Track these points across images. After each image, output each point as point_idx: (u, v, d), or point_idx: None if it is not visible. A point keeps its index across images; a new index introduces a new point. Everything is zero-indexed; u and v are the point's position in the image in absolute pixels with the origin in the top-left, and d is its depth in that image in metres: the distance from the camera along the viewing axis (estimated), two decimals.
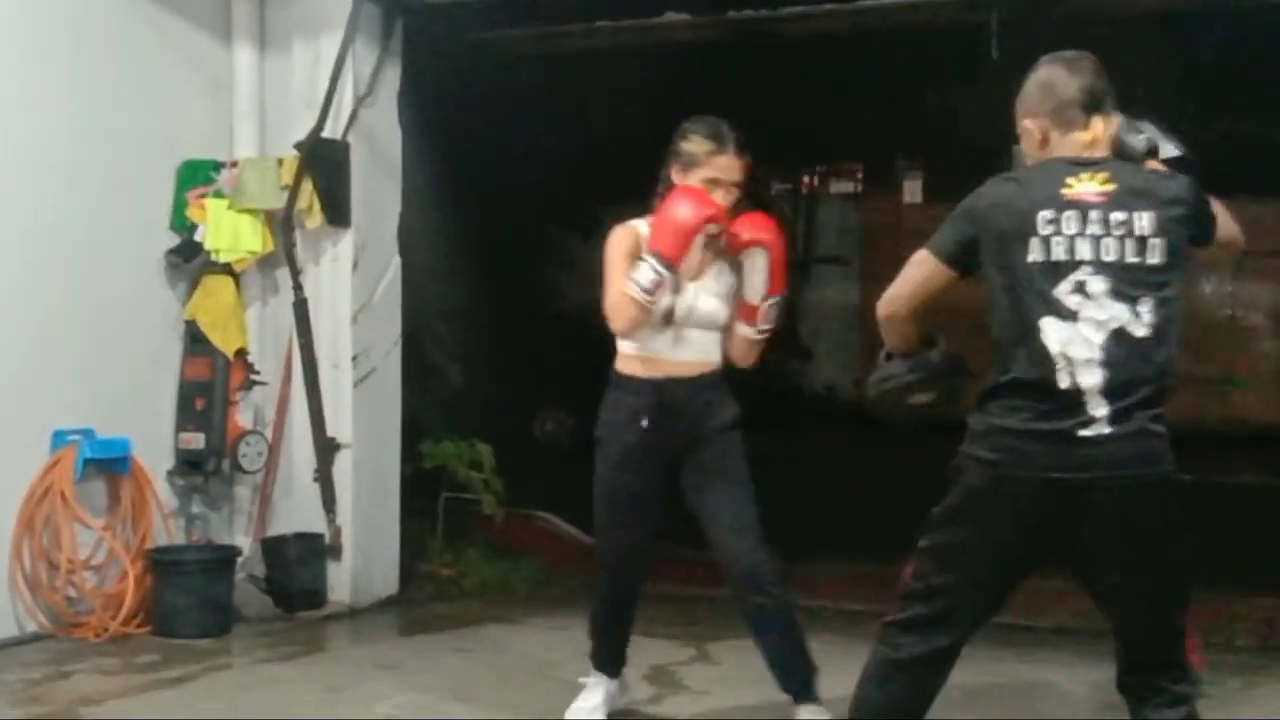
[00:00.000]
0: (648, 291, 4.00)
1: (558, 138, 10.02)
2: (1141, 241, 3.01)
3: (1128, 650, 3.16)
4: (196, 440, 6.11)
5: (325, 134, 6.18)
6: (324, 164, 6.17)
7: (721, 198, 4.09)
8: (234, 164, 6.25)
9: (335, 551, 6.26)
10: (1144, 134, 3.28)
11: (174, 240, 6.19)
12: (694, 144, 4.13)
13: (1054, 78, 3.20)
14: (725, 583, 4.27)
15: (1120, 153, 3.20)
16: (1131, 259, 3.01)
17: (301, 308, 6.27)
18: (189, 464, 6.13)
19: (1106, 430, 2.97)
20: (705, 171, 4.10)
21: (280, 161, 6.23)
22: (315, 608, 6.18)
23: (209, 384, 6.13)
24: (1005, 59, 6.13)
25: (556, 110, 9.72)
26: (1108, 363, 2.98)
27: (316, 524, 6.27)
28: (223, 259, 6.17)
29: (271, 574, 6.20)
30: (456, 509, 7.19)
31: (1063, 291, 3.01)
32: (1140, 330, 3.00)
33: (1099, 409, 2.98)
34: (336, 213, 6.22)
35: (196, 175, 6.23)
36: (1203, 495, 5.08)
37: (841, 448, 12.99)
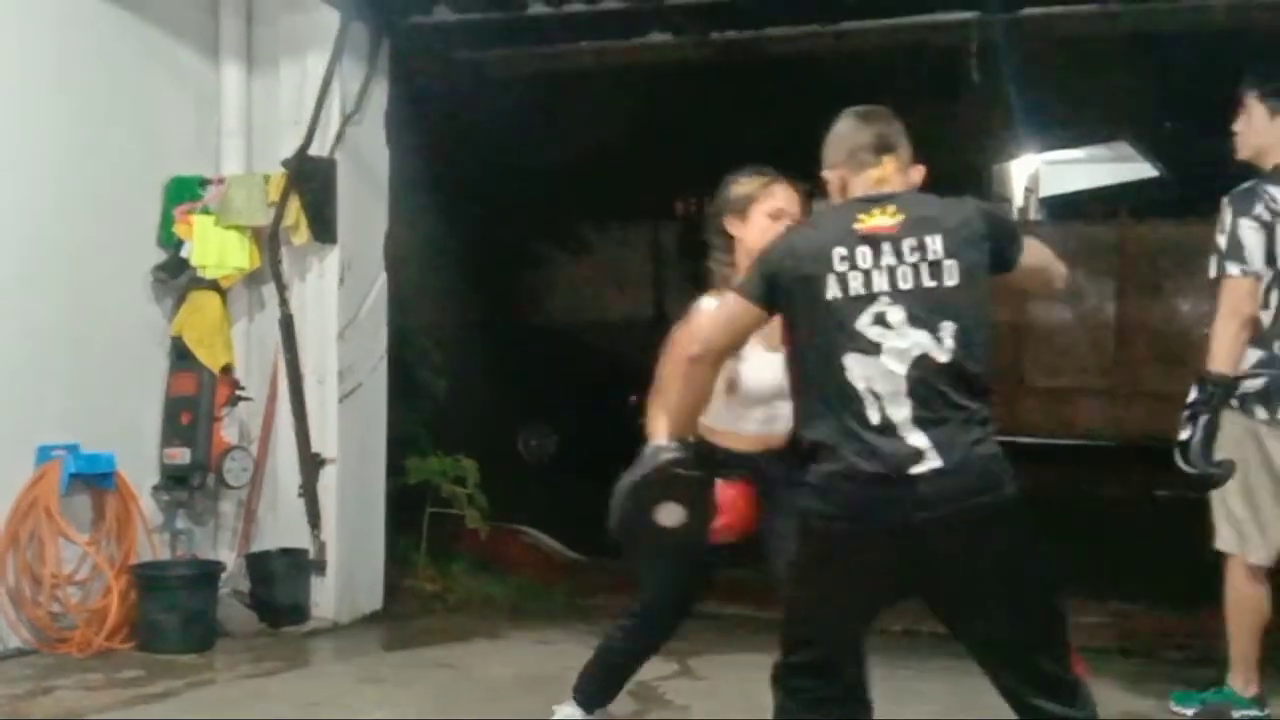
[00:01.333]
0: None
1: (544, 156, 10.07)
2: (935, 265, 2.99)
3: (1017, 682, 3.03)
4: (182, 455, 6.11)
5: (312, 151, 6.21)
6: (311, 181, 6.21)
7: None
8: (221, 180, 6.27)
9: (320, 566, 6.27)
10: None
11: (161, 256, 6.21)
12: (744, 185, 3.94)
13: (846, 129, 3.24)
14: None
15: None
16: (928, 283, 2.98)
17: (287, 324, 6.30)
18: (174, 479, 6.13)
19: (935, 464, 2.90)
20: (767, 205, 3.89)
21: (267, 178, 6.26)
22: (299, 623, 6.19)
23: (195, 399, 6.14)
24: (986, 81, 6.21)
25: (543, 128, 9.77)
26: (914, 393, 2.93)
27: (301, 539, 6.29)
28: (209, 275, 6.19)
29: (256, 589, 6.20)
30: (441, 524, 7.21)
31: (863, 324, 2.97)
32: (943, 355, 2.95)
33: (919, 441, 2.92)
34: (323, 229, 6.25)
35: (184, 191, 6.25)
36: (1187, 511, 5.12)
37: None
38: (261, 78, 6.44)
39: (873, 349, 2.95)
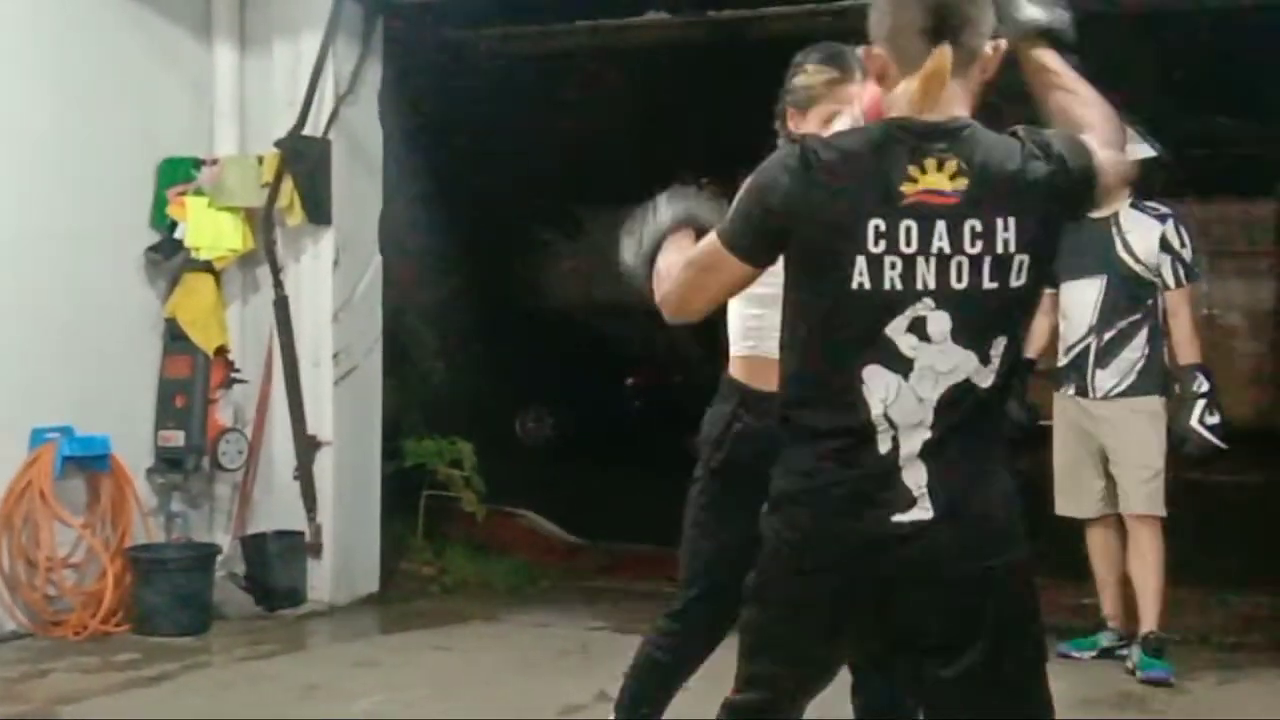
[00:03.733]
0: None
1: (539, 137, 10.03)
2: (1004, 262, 2.22)
3: None
4: (176, 438, 6.10)
5: (306, 132, 6.18)
6: (305, 162, 6.17)
7: None
8: (214, 162, 6.24)
9: (315, 549, 6.26)
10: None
11: (154, 238, 6.18)
12: (810, 75, 3.24)
13: None
14: None
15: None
16: (989, 284, 2.22)
17: (282, 305, 6.27)
18: (169, 462, 6.12)
19: (927, 515, 2.24)
20: (829, 107, 3.21)
21: (261, 159, 6.22)
22: (295, 606, 6.18)
23: (189, 382, 6.12)
24: None
25: (539, 109, 9.72)
26: (937, 425, 2.25)
27: (297, 522, 6.27)
28: (203, 257, 6.17)
29: (251, 572, 6.19)
30: (438, 507, 7.20)
31: (895, 331, 2.22)
32: (987, 380, 2.25)
33: (918, 480, 2.25)
34: (317, 211, 6.22)
35: (177, 173, 6.22)
36: (1180, 494, 5.25)
37: None
38: (254, 58, 6.40)
39: (902, 365, 2.23)
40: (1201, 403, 4.93)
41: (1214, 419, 4.94)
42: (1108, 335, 5.08)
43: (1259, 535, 7.98)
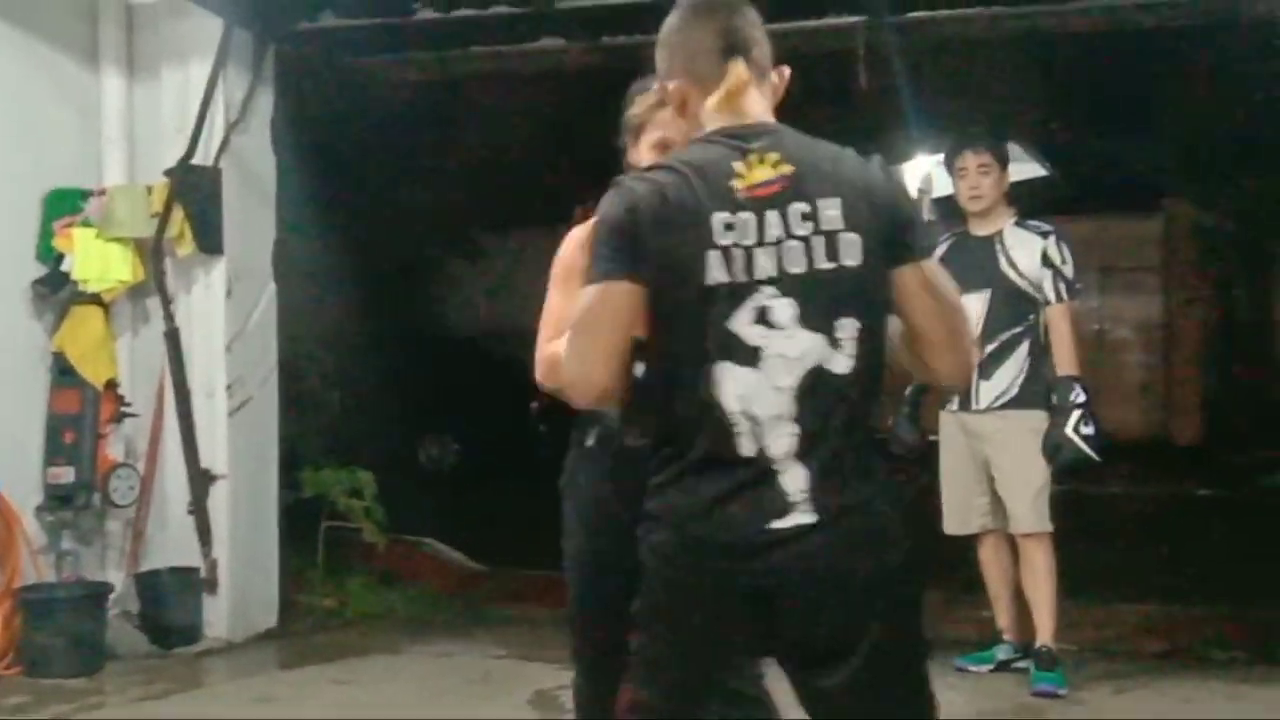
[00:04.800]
0: None
1: (438, 162, 10.02)
2: (832, 239, 2.25)
3: None
4: (66, 474, 5.95)
5: (196, 160, 6.10)
6: (195, 191, 6.09)
7: None
8: (102, 192, 6.13)
9: (211, 585, 6.15)
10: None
11: (41, 270, 6.05)
12: (635, 106, 3.24)
13: (679, 23, 2.45)
14: None
15: None
16: (823, 264, 2.25)
17: (173, 337, 6.17)
18: (58, 499, 5.97)
19: (810, 518, 2.24)
20: (654, 133, 3.19)
21: (150, 189, 6.13)
22: (192, 643, 6.06)
23: (78, 416, 5.99)
24: (875, 84, 6.27)
25: (436, 135, 9.71)
26: (801, 418, 2.25)
27: (192, 557, 6.16)
28: (91, 289, 6.04)
29: (146, 610, 6.07)
30: (338, 537, 7.11)
31: (741, 324, 2.24)
32: (841, 366, 2.26)
33: (795, 484, 2.25)
34: (208, 240, 6.13)
35: (64, 204, 6.09)
36: (1072, 506, 5.36)
37: None
38: (143, 86, 6.30)
39: (752, 358, 2.24)
40: (1077, 413, 5.04)
41: (1089, 429, 5.04)
42: (990, 348, 5.17)
43: (1150, 546, 8.19)
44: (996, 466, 5.23)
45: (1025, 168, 6.34)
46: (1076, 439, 5.02)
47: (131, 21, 6.31)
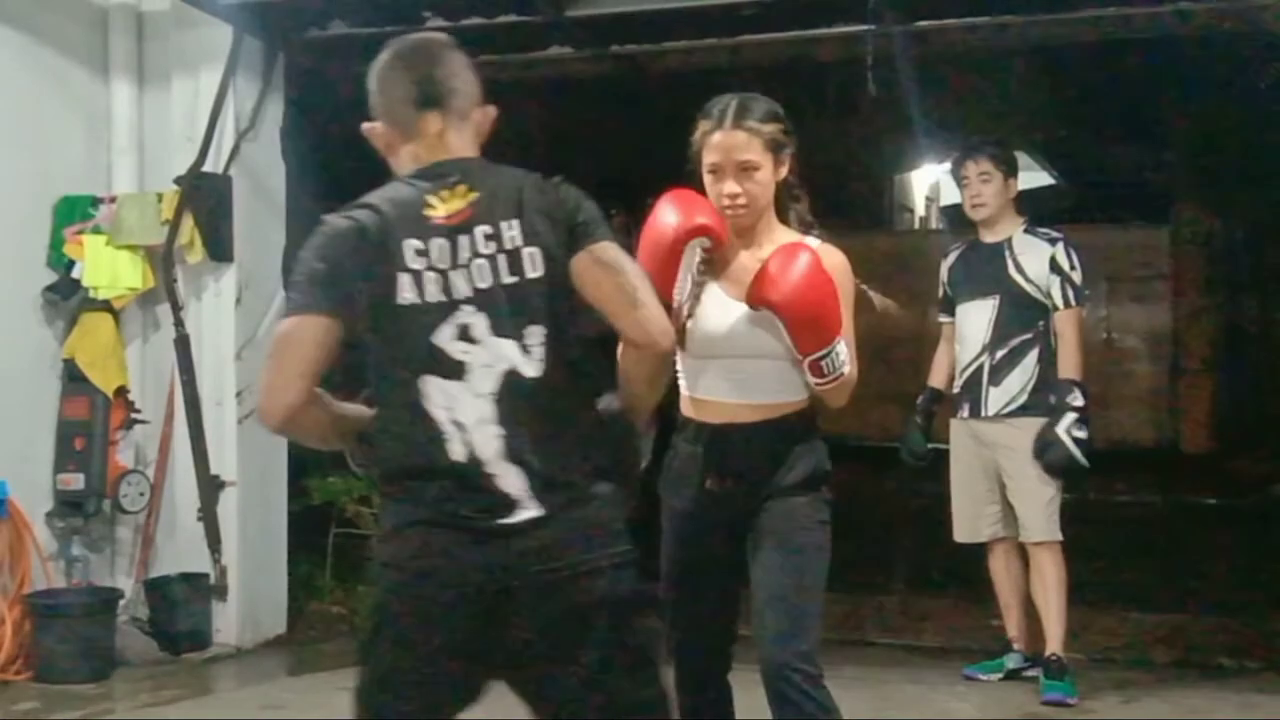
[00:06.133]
0: None
1: None
2: (514, 255, 2.44)
3: None
4: (76, 481, 5.97)
5: (206, 168, 6.11)
6: (205, 199, 6.10)
7: (733, 187, 3.28)
8: (113, 199, 6.15)
9: (221, 591, 6.16)
10: None
11: (51, 278, 6.07)
12: (697, 128, 3.36)
13: (382, 72, 2.62)
14: None
15: None
16: (508, 279, 2.43)
17: (183, 344, 6.18)
18: (68, 505, 5.99)
19: (531, 513, 2.38)
20: (705, 158, 3.32)
21: (160, 197, 6.14)
22: (200, 649, 6.07)
23: (88, 423, 6.01)
24: (883, 92, 6.27)
25: None
26: (504, 420, 2.41)
27: (201, 564, 6.17)
28: (102, 296, 6.07)
29: (155, 616, 6.08)
30: (347, 545, 7.11)
31: (445, 340, 2.42)
32: (532, 369, 2.42)
33: (512, 485, 2.39)
34: (218, 248, 6.14)
35: (74, 211, 6.12)
36: (1082, 514, 5.36)
37: None
38: (153, 95, 6.32)
39: (456, 371, 2.41)
40: (1073, 415, 5.04)
41: (1082, 433, 5.05)
42: (1000, 353, 5.18)
43: (1160, 555, 8.16)
44: (1007, 474, 5.23)
45: (1034, 176, 6.34)
46: (1067, 440, 5.03)
47: (142, 30, 6.33)
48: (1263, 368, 12.72)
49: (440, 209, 2.47)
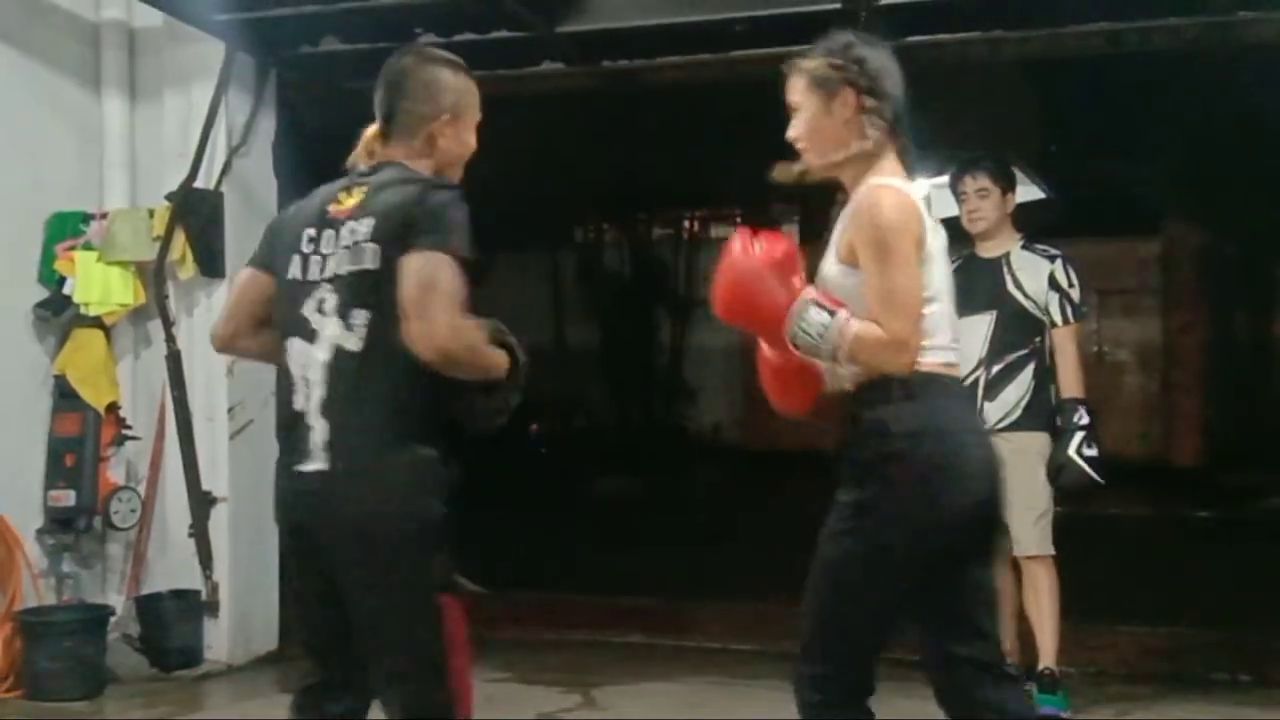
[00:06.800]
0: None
1: None
2: (357, 249, 2.89)
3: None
4: (67, 497, 5.95)
5: (198, 184, 6.12)
6: (197, 214, 6.11)
7: (789, 132, 3.16)
8: (104, 215, 6.15)
9: (212, 608, 6.14)
10: None
11: (43, 293, 6.07)
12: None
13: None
14: None
15: None
16: (349, 267, 2.90)
17: (175, 360, 6.18)
18: (59, 522, 5.97)
19: (323, 465, 2.87)
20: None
21: (152, 212, 6.14)
22: (192, 666, 6.05)
23: (79, 440, 5.99)
24: None
25: None
26: (327, 381, 2.88)
27: (192, 580, 6.15)
28: (93, 312, 6.06)
29: (146, 633, 6.06)
30: None
31: (309, 310, 2.92)
32: (352, 344, 2.88)
33: (320, 436, 2.88)
34: (210, 263, 6.14)
35: (66, 227, 6.11)
36: (1074, 528, 5.35)
37: (727, 485, 13.10)
38: (145, 110, 6.33)
39: (312, 336, 2.91)
40: (1081, 434, 5.04)
41: (1092, 451, 5.04)
42: (996, 368, 5.18)
43: (1151, 568, 8.18)
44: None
45: (1024, 190, 6.35)
46: (1079, 461, 5.02)
47: (134, 46, 6.34)
48: (1253, 381, 12.76)
49: (342, 204, 2.97)
